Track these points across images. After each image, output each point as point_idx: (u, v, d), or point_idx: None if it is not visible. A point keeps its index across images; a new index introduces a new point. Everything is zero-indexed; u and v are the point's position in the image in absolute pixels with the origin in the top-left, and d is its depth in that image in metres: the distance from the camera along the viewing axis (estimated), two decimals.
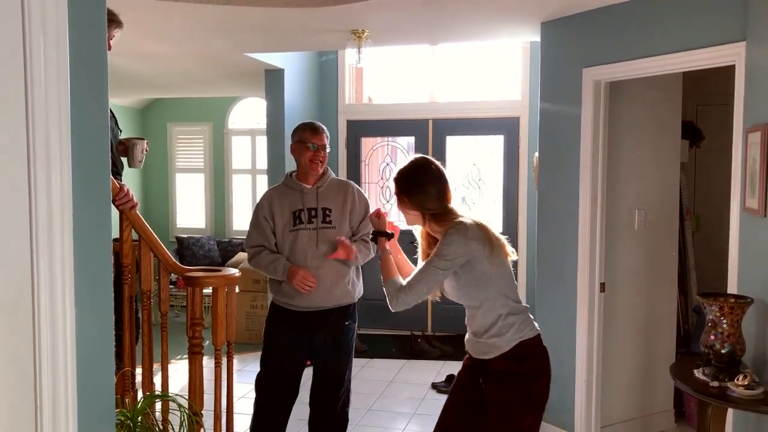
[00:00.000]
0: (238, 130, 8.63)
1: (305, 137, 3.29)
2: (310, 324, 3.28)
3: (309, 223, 3.25)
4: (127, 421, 2.33)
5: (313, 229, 3.25)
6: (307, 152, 3.27)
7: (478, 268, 2.54)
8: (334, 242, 3.22)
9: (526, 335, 2.57)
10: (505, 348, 2.54)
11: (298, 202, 3.29)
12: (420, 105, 6.79)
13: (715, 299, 2.66)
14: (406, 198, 2.64)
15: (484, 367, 2.62)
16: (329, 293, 3.25)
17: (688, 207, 4.74)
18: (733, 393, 2.51)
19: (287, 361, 3.34)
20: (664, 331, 4.29)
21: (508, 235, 6.83)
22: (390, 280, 2.65)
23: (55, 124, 1.38)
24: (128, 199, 2.90)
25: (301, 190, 3.31)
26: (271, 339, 3.38)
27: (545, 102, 4.18)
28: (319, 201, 3.29)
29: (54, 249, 1.40)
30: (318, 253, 3.23)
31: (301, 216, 3.27)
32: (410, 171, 2.66)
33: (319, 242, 3.24)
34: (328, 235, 3.24)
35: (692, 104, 4.80)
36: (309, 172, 3.31)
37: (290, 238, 3.25)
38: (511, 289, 2.62)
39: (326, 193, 3.31)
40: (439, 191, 2.62)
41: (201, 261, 7.83)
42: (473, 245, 2.51)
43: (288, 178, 3.40)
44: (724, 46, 3.11)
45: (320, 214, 3.27)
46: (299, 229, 3.25)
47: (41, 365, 1.38)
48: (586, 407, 3.91)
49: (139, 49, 5.11)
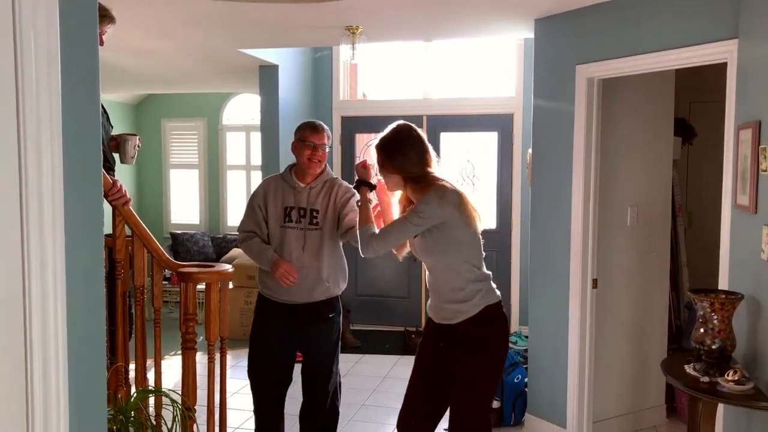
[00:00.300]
0: (232, 126, 8.62)
1: (305, 136, 3.34)
2: (296, 316, 3.33)
3: (297, 222, 3.33)
4: (119, 416, 2.33)
5: (300, 229, 3.32)
6: (306, 150, 3.32)
7: (450, 233, 2.67)
8: (318, 243, 3.30)
9: (490, 300, 2.75)
10: (472, 312, 2.70)
11: (291, 198, 3.35)
12: (414, 101, 6.79)
13: (706, 295, 2.68)
14: (388, 162, 2.79)
15: (449, 332, 2.76)
16: (309, 292, 3.32)
17: (681, 204, 4.76)
18: (724, 388, 2.52)
19: (277, 354, 3.38)
20: (655, 327, 4.32)
21: (501, 232, 6.81)
22: (364, 226, 2.80)
23: (45, 120, 1.38)
24: (121, 194, 2.90)
25: (294, 187, 3.36)
26: (260, 331, 3.42)
27: (539, 99, 4.19)
28: (309, 202, 3.35)
29: (45, 244, 1.40)
30: (303, 252, 3.30)
31: (291, 214, 3.34)
32: (392, 137, 2.84)
33: (306, 242, 3.31)
34: (313, 236, 3.32)
35: (685, 101, 4.82)
36: (307, 170, 3.36)
37: (279, 233, 3.33)
38: (478, 258, 2.78)
39: (317, 194, 3.37)
40: (419, 156, 2.78)
41: (195, 257, 7.83)
42: (449, 209, 2.65)
43: (286, 171, 3.45)
44: (717, 43, 3.12)
45: (308, 215, 3.33)
46: (288, 227, 3.33)
47: (32, 360, 1.38)
48: (578, 403, 3.93)
49: (133, 45, 5.09)
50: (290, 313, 3.33)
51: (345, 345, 6.20)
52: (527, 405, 4.28)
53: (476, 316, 2.71)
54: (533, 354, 4.25)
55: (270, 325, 3.38)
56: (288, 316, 3.34)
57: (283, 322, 3.35)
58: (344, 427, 4.29)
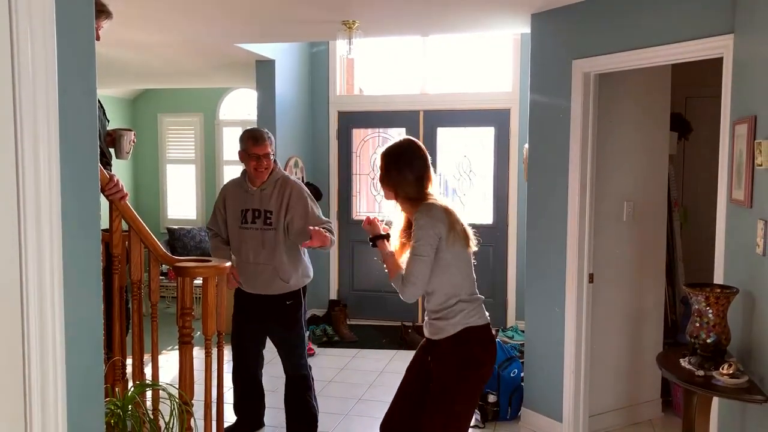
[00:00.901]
0: (229, 121, 8.60)
1: (248, 147, 3.58)
2: (258, 304, 3.72)
3: (253, 223, 3.64)
4: (117, 410, 2.34)
5: (256, 230, 3.63)
6: (251, 162, 3.59)
7: (439, 255, 2.64)
8: (273, 242, 3.59)
9: (472, 323, 2.70)
10: (452, 332, 2.68)
11: (246, 201, 3.66)
12: (411, 96, 6.79)
13: (701, 289, 2.69)
14: (386, 176, 2.78)
15: (434, 347, 2.77)
16: (267, 286, 3.66)
17: (676, 199, 4.77)
18: (719, 382, 2.54)
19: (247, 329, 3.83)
20: (651, 321, 4.33)
21: (498, 227, 6.83)
22: (396, 277, 2.73)
23: (42, 114, 1.38)
24: (118, 189, 2.89)
25: (247, 191, 3.67)
26: (236, 314, 3.87)
27: (535, 94, 4.19)
28: (262, 203, 3.63)
29: (42, 239, 1.40)
30: (259, 251, 3.62)
31: (247, 215, 3.66)
32: (394, 152, 2.80)
33: (263, 241, 3.61)
34: (268, 236, 3.61)
35: (681, 96, 4.83)
36: (255, 178, 3.66)
37: (238, 233, 3.68)
38: (465, 281, 2.73)
39: (268, 196, 3.64)
40: (417, 177, 2.74)
41: (192, 252, 7.82)
42: (439, 226, 2.63)
43: (241, 176, 3.77)
44: (713, 38, 3.13)
45: (262, 216, 3.63)
46: (245, 228, 3.66)
47: (30, 354, 1.39)
48: (574, 397, 3.94)
49: (130, 39, 5.08)
50: (255, 300, 3.72)
51: (342, 339, 6.22)
52: (523, 399, 4.30)
53: (455, 335, 2.68)
54: (529, 348, 4.27)
55: (241, 308, 3.82)
56: (253, 303, 3.73)
57: (250, 306, 3.76)
58: (341, 422, 4.31)
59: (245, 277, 3.71)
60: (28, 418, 1.40)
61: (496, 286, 6.61)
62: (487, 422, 4.28)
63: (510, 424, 4.29)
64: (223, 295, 3.11)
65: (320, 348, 6.04)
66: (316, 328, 6.37)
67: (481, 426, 4.24)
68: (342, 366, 5.53)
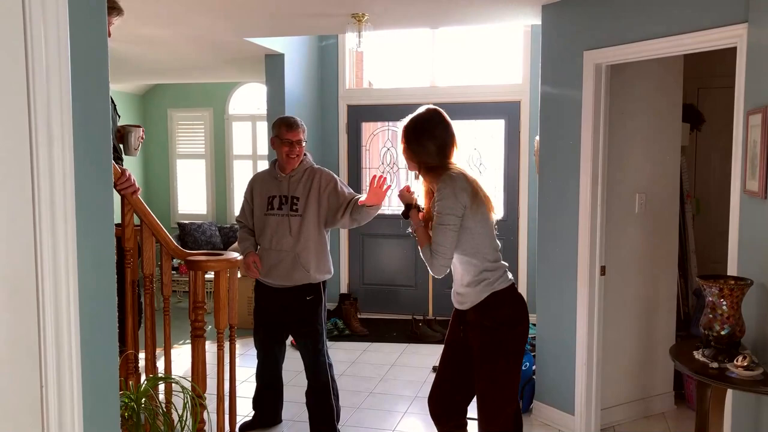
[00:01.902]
0: (238, 116, 8.61)
1: (282, 133, 3.66)
2: (280, 297, 3.72)
3: (279, 209, 3.67)
4: (131, 403, 2.35)
5: (282, 216, 3.65)
6: (284, 147, 3.66)
7: (464, 224, 2.66)
8: (298, 228, 3.62)
9: (497, 287, 2.72)
10: (476, 300, 2.72)
11: (274, 188, 3.71)
12: (421, 89, 6.77)
13: (714, 281, 2.67)
14: (406, 146, 2.78)
15: (463, 317, 2.81)
16: (288, 276, 3.66)
17: (689, 190, 4.74)
18: (733, 374, 2.52)
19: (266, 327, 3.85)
20: (664, 313, 4.31)
21: (508, 220, 6.81)
22: (425, 248, 2.74)
23: (56, 110, 1.39)
24: (130, 183, 2.91)
25: (276, 178, 3.72)
26: (257, 309, 3.89)
27: (546, 85, 4.17)
28: (290, 189, 3.68)
29: (57, 233, 1.41)
30: (283, 237, 3.63)
31: (273, 202, 3.69)
32: (416, 123, 2.79)
33: (289, 227, 3.64)
34: (294, 222, 3.63)
35: (693, 87, 4.79)
36: (286, 164, 3.70)
37: (263, 220, 3.70)
38: (490, 247, 2.74)
39: (296, 183, 3.68)
40: (439, 146, 2.74)
41: (203, 246, 7.86)
42: (462, 196, 2.64)
43: (272, 165, 3.82)
44: (726, 27, 3.09)
45: (289, 202, 3.66)
46: (270, 214, 3.68)
47: (46, 347, 1.40)
48: (586, 389, 3.93)
49: (139, 34, 5.09)
50: (275, 295, 3.72)
51: (352, 333, 6.24)
52: (535, 392, 4.29)
53: (482, 303, 2.72)
54: (541, 341, 4.26)
55: (262, 305, 3.83)
56: (274, 298, 3.74)
57: (271, 302, 3.76)
58: (352, 415, 4.32)
59: (267, 266, 3.69)
60: (45, 412, 1.41)
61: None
62: None
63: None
64: (234, 288, 3.12)
65: (331, 341, 6.04)
66: (327, 321, 6.38)
67: None
68: (353, 359, 5.54)
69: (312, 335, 3.75)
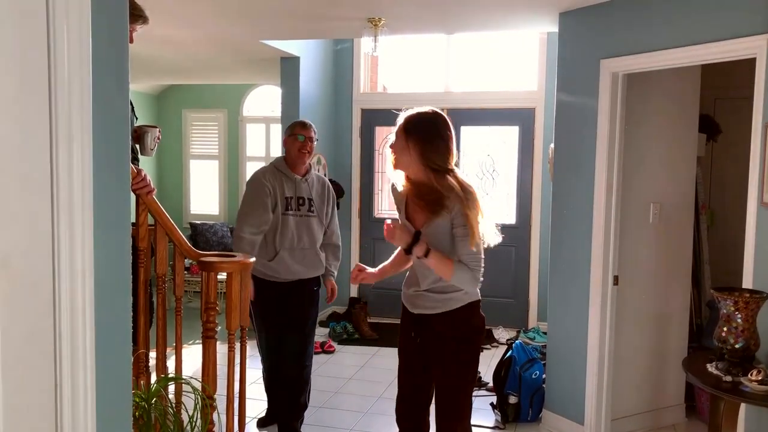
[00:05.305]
0: (252, 118, 8.65)
1: (296, 130, 3.82)
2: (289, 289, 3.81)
3: (297, 210, 3.79)
4: (142, 403, 2.36)
5: (300, 216, 3.79)
6: (297, 143, 3.78)
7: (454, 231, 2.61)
8: (314, 228, 3.81)
9: (472, 298, 2.71)
10: (454, 306, 2.69)
11: (290, 189, 3.79)
12: (435, 95, 6.77)
13: (730, 293, 2.65)
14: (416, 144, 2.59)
15: (424, 323, 2.78)
16: (309, 269, 3.84)
17: (704, 201, 4.70)
18: (746, 388, 2.50)
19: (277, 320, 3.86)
20: (676, 325, 4.28)
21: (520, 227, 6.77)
22: (456, 269, 2.59)
23: (77, 110, 1.40)
24: (145, 184, 2.92)
25: (292, 179, 3.80)
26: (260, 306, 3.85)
27: (562, 93, 4.16)
28: (308, 192, 3.84)
29: (74, 231, 1.42)
30: (303, 236, 3.78)
31: (291, 203, 3.78)
32: (424, 119, 2.65)
33: (307, 227, 3.81)
34: (311, 222, 3.82)
35: (710, 97, 4.76)
36: (297, 161, 3.80)
37: (281, 220, 3.75)
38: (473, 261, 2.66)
39: (312, 186, 3.87)
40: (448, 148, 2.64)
41: (214, 247, 7.88)
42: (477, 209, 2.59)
43: (281, 163, 3.85)
44: (746, 38, 3.07)
45: (306, 203, 3.82)
46: (289, 215, 3.77)
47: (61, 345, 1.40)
48: (596, 400, 3.91)
49: (156, 34, 5.12)
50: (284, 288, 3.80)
51: (362, 337, 6.23)
52: (545, 401, 4.27)
53: (456, 311, 2.69)
54: (552, 350, 4.24)
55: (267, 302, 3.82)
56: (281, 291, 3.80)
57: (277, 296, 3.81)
58: (361, 419, 4.31)
59: (291, 263, 3.76)
60: (58, 409, 1.41)
61: (518, 286, 6.57)
62: (507, 423, 4.25)
63: (531, 425, 4.26)
64: (247, 290, 3.13)
65: (340, 345, 6.05)
66: (337, 325, 6.38)
67: (501, 427, 4.22)
68: (362, 363, 5.54)
69: (312, 318, 3.92)
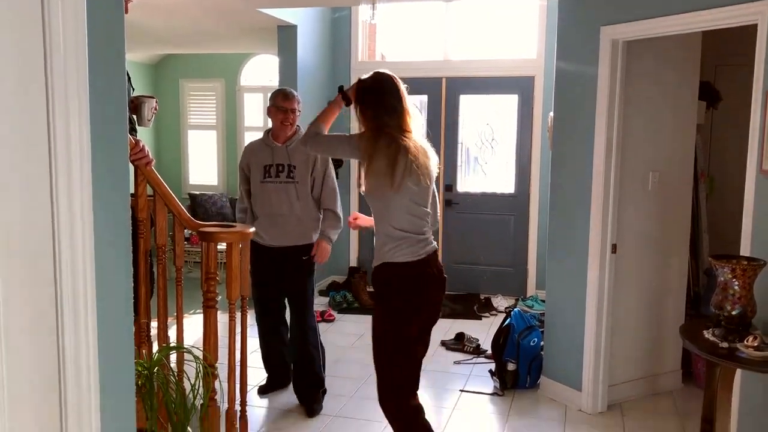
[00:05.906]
0: (250, 87, 8.58)
1: (278, 102, 3.86)
2: (274, 258, 3.88)
3: (276, 177, 3.84)
4: (144, 371, 2.38)
5: (280, 183, 3.83)
6: (279, 114, 3.84)
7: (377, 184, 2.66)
8: (295, 195, 3.81)
9: (390, 258, 2.70)
10: (374, 264, 2.78)
11: (269, 157, 3.86)
12: (434, 63, 6.71)
13: (727, 261, 2.66)
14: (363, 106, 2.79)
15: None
16: (289, 236, 3.85)
17: (703, 169, 4.70)
18: (743, 354, 2.53)
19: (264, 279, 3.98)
20: (674, 292, 4.31)
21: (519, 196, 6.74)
22: (318, 123, 2.90)
23: (73, 81, 1.39)
24: (144, 155, 2.91)
25: (271, 147, 3.87)
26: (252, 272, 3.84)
27: (561, 61, 4.12)
28: (289, 158, 3.84)
29: (74, 203, 1.42)
30: (282, 203, 3.82)
31: (270, 170, 3.85)
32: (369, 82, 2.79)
33: (286, 193, 3.82)
34: (290, 189, 3.83)
35: (710, 64, 4.72)
36: (279, 132, 3.88)
37: (260, 188, 3.87)
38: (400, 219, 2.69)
39: (293, 152, 3.84)
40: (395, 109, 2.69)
41: (214, 218, 7.88)
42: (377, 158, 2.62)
43: (265, 135, 3.98)
44: (748, 4, 3.04)
45: (286, 170, 3.83)
46: (267, 182, 3.85)
47: (63, 314, 1.42)
48: (593, 366, 3.95)
49: (152, 2, 5.06)
50: (271, 254, 3.87)
51: (362, 306, 6.27)
52: (543, 368, 4.32)
53: (375, 269, 2.77)
54: (550, 317, 4.27)
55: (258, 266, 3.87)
56: (270, 257, 3.87)
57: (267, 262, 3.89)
58: (360, 387, 4.36)
59: (269, 229, 3.85)
60: (62, 379, 1.43)
61: (516, 255, 6.59)
62: (506, 390, 4.31)
63: (529, 392, 4.32)
64: (246, 259, 3.14)
65: (340, 314, 6.09)
66: (336, 294, 6.42)
67: (500, 393, 4.27)
68: (362, 332, 5.58)
69: (302, 296, 3.92)
